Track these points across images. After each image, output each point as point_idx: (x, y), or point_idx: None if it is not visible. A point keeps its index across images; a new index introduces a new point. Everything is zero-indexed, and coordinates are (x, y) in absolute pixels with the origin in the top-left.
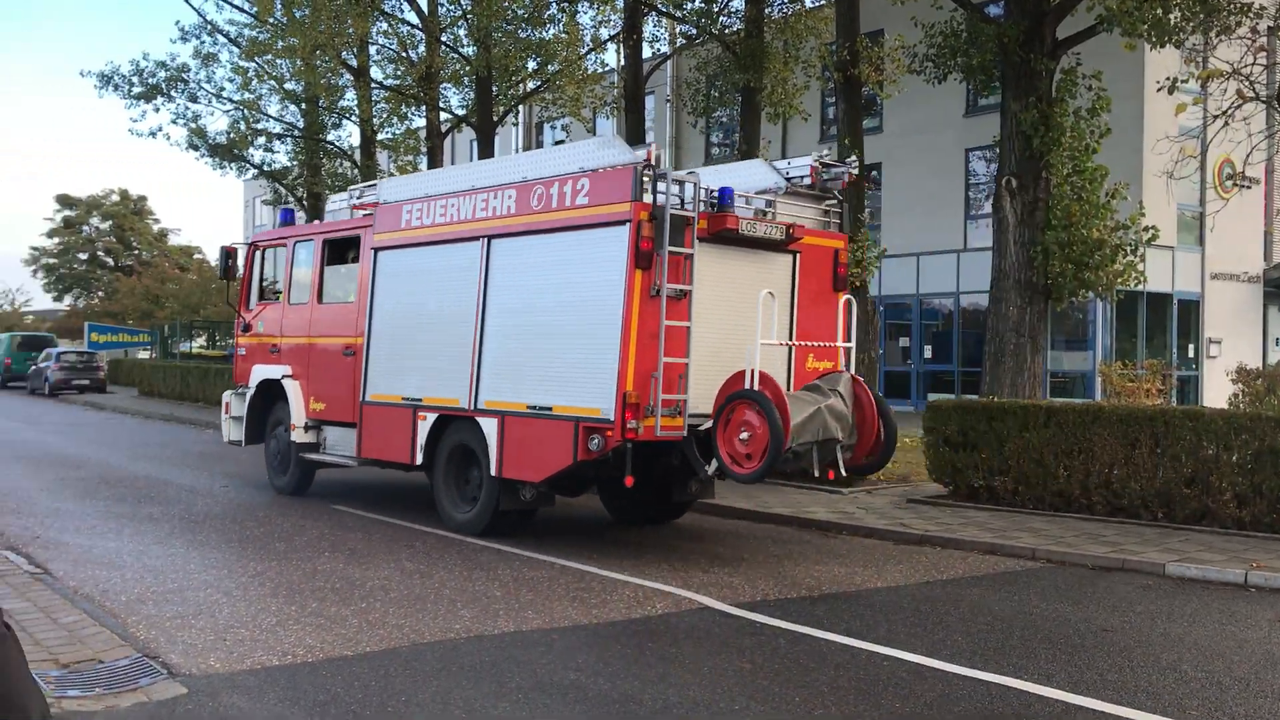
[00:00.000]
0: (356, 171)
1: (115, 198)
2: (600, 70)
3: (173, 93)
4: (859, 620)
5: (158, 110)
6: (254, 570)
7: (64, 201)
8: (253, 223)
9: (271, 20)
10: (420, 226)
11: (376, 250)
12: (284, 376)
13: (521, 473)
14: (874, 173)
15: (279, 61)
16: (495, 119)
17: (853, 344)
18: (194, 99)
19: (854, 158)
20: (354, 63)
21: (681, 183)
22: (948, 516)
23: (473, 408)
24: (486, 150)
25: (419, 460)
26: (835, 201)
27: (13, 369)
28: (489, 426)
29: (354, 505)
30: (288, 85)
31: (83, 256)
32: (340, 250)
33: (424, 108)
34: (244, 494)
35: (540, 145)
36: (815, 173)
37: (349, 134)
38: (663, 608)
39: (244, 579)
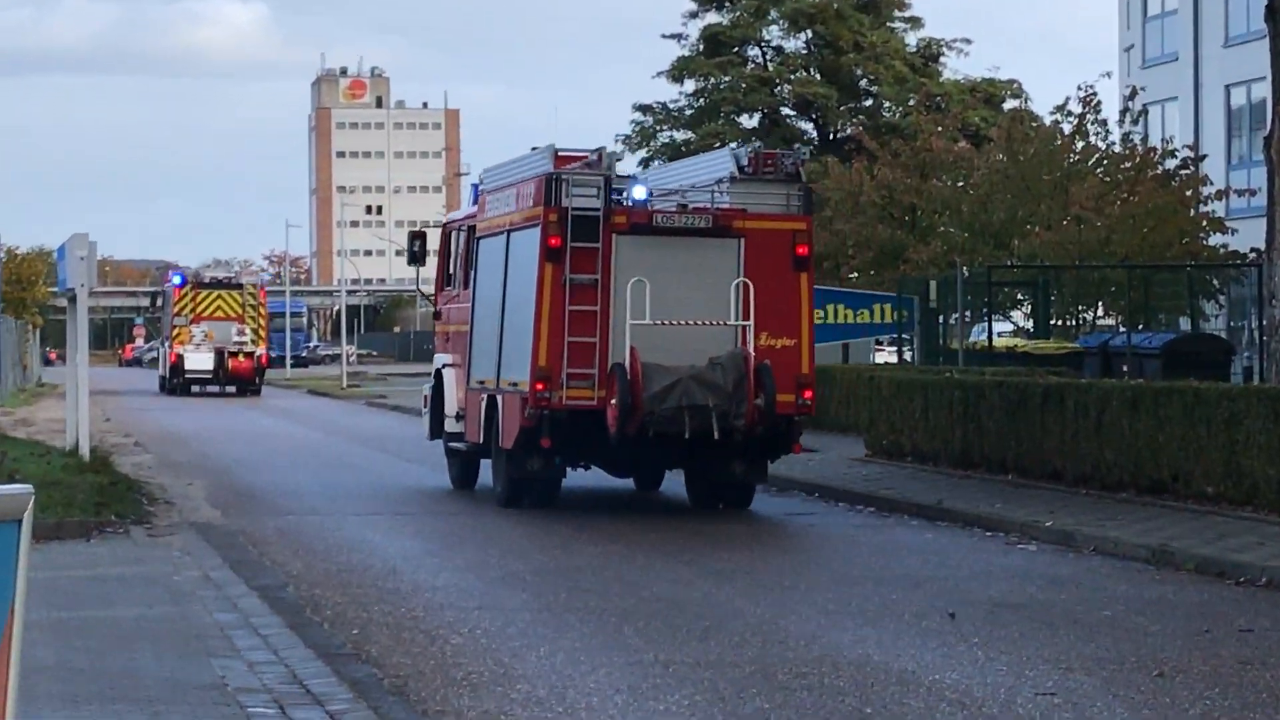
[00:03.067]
0: None
1: None
2: None
3: None
4: None
5: None
6: None
7: None
8: (1140, 28)
9: None
10: (491, 217)
11: (479, 238)
12: (444, 365)
13: (496, 437)
14: None
15: None
16: None
17: (750, 322)
18: None
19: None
20: None
21: (593, 184)
22: None
23: (496, 386)
24: None
25: (481, 439)
26: (797, 185)
27: None
28: (500, 401)
29: None
30: None
31: (744, 121)
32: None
33: None
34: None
35: None
36: (758, 157)
37: None
38: None
39: None
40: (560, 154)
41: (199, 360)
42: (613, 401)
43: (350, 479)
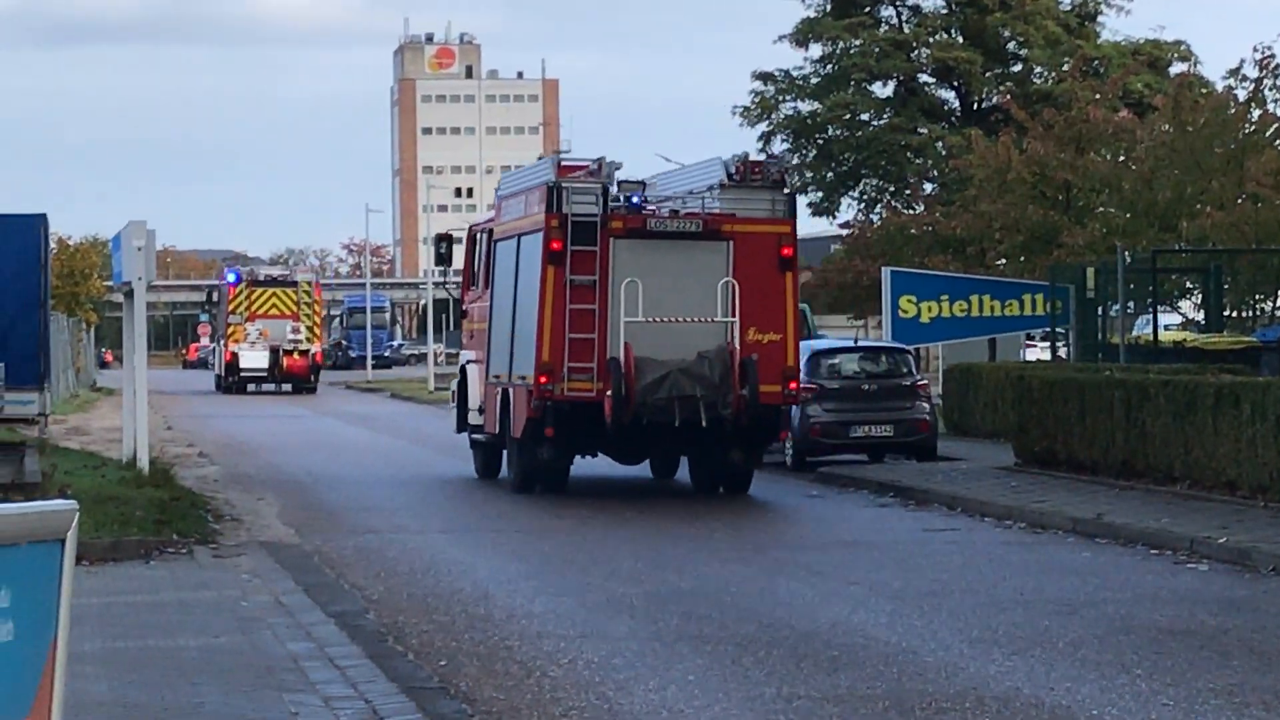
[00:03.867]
0: None
1: None
2: None
3: None
4: None
5: None
6: None
7: None
8: None
9: None
10: (504, 222)
11: (495, 241)
12: (468, 362)
13: (508, 428)
14: None
15: None
16: None
17: (736, 319)
18: None
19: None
20: None
21: (592, 191)
22: None
23: (509, 380)
24: None
25: (497, 430)
26: (782, 193)
27: None
28: (511, 394)
29: None
30: None
31: (878, 90)
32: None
33: None
34: None
35: None
36: (744, 165)
37: None
38: None
39: None
40: (563, 163)
41: (254, 358)
42: (609, 393)
43: (438, 493)
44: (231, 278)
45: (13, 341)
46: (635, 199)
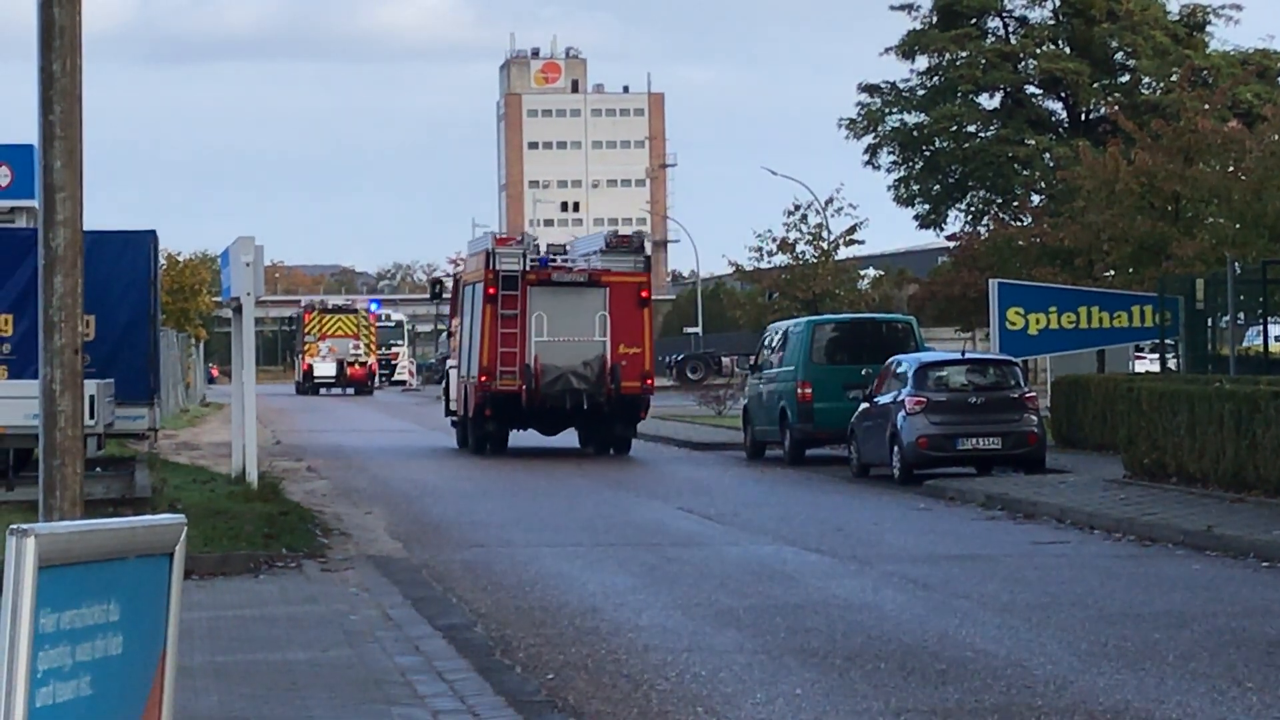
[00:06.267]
0: None
1: None
2: None
3: None
4: None
5: None
6: None
7: None
8: None
9: None
10: (467, 272)
11: (463, 285)
12: (450, 367)
13: (467, 411)
14: None
15: None
16: None
17: (607, 338)
18: None
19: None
20: None
21: (515, 254)
22: None
23: (467, 378)
24: None
25: (463, 412)
26: (642, 255)
27: (816, 407)
28: (468, 388)
29: None
30: None
31: (984, 102)
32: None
33: None
34: None
35: None
36: (616, 238)
37: None
38: None
39: None
40: (498, 237)
41: (325, 369)
42: (524, 387)
43: (544, 506)
44: (305, 306)
45: (123, 357)
46: (544, 259)
